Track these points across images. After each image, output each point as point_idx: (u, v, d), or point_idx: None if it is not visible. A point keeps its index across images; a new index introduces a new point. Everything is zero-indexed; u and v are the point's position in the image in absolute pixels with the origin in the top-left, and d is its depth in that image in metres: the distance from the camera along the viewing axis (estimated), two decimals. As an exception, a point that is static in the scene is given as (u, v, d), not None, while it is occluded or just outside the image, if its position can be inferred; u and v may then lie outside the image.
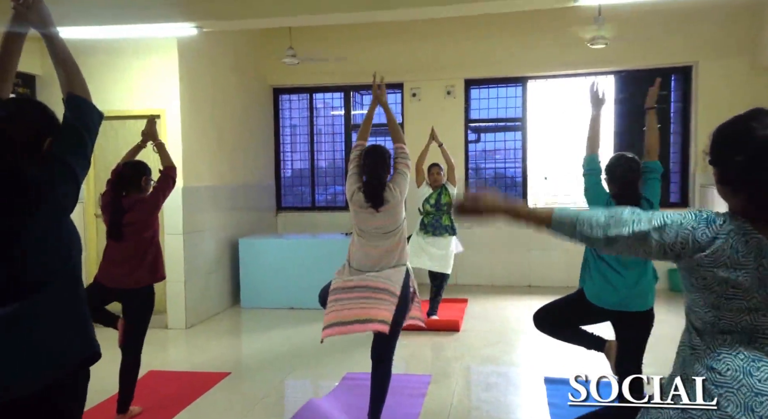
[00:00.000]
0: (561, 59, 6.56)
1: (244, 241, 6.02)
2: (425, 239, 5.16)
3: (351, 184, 3.01)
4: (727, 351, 1.21)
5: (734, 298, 1.20)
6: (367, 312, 2.82)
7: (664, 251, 1.26)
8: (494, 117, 7.13)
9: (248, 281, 5.97)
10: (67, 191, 1.47)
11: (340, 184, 7.56)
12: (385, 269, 2.94)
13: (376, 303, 2.83)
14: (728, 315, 1.22)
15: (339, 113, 7.57)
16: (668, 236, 1.24)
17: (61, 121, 1.56)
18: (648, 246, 1.26)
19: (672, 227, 1.25)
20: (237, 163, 6.37)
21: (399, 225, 3.00)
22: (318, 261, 5.68)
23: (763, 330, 1.21)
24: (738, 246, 1.19)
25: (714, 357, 1.22)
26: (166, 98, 5.17)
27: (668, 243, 1.24)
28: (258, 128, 7.01)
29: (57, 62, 1.59)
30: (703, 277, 1.23)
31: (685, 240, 1.23)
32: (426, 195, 5.21)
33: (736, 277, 1.19)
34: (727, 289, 1.21)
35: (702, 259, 1.22)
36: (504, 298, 6.22)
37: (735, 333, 1.22)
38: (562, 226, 1.34)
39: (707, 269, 1.22)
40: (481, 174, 7.29)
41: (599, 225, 1.29)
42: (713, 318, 1.24)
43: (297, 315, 5.65)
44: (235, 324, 5.57)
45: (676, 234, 1.24)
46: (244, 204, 6.53)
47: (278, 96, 7.49)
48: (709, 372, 1.21)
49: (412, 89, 6.97)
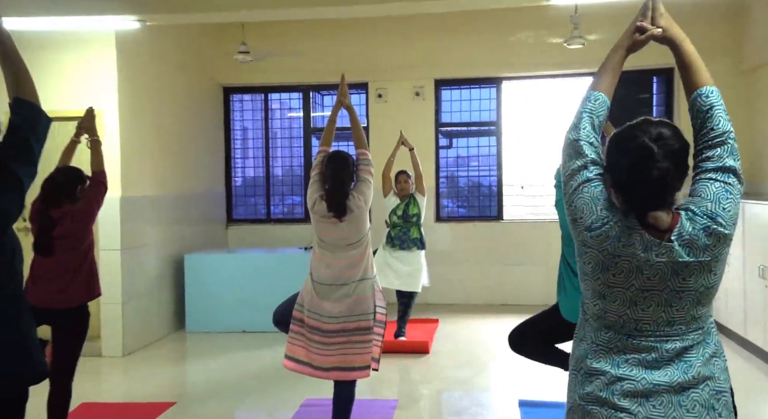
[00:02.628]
0: (537, 59, 6.79)
1: (191, 258, 6.01)
2: (392, 254, 5.23)
3: (312, 192, 3.11)
4: (605, 353, 1.43)
5: (615, 286, 1.41)
6: (348, 359, 3.00)
7: (568, 198, 1.50)
8: (467, 120, 7.29)
9: (195, 302, 5.95)
10: (9, 199, 1.53)
11: (298, 194, 7.58)
12: (349, 283, 3.05)
13: (355, 347, 3.01)
14: (612, 308, 1.43)
15: (297, 115, 7.61)
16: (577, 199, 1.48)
17: (6, 126, 1.62)
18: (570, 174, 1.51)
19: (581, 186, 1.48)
20: (182, 169, 6.36)
21: (363, 235, 3.11)
22: (274, 279, 5.68)
23: (642, 326, 1.41)
24: (621, 236, 1.40)
25: (596, 357, 1.45)
26: (102, 97, 5.15)
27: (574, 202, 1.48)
28: (206, 131, 7.01)
29: (4, 63, 1.64)
30: (588, 261, 1.44)
31: (584, 211, 1.46)
32: (393, 205, 5.27)
33: (616, 263, 1.40)
34: (608, 276, 1.41)
35: (588, 239, 1.43)
36: (477, 318, 6.34)
37: (616, 329, 1.43)
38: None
39: (592, 249, 1.43)
40: (454, 182, 7.44)
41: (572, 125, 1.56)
42: (600, 311, 1.45)
43: (250, 339, 5.65)
44: (180, 351, 5.56)
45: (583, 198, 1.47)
46: (191, 216, 6.52)
47: (229, 96, 7.50)
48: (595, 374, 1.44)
49: (378, 89, 7.08)
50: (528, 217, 7.14)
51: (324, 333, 3.03)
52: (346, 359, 3.01)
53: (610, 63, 1.58)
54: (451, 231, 7.09)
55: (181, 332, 6.02)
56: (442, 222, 7.16)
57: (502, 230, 7.02)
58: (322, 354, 3.03)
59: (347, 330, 3.02)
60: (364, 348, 3.03)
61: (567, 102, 6.98)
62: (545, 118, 7.18)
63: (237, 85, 7.39)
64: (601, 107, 1.55)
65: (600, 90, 1.56)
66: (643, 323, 1.41)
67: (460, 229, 7.08)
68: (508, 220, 7.10)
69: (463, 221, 7.17)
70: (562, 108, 7.03)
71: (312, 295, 3.09)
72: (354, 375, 3.03)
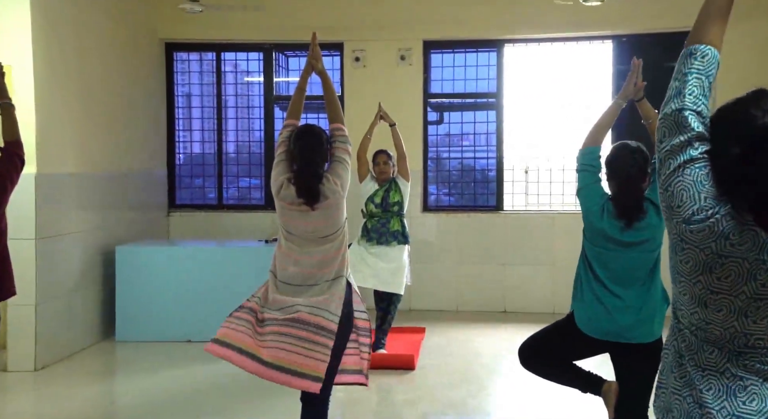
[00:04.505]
0: (546, 19, 6.76)
1: (123, 250, 5.94)
2: (369, 249, 5.20)
3: (278, 174, 3.09)
4: (716, 378, 1.39)
5: (720, 293, 1.37)
6: (294, 360, 2.91)
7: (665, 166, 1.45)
8: (461, 91, 7.27)
9: (128, 304, 5.88)
10: None
11: (257, 176, 7.57)
12: (320, 283, 3.01)
13: (313, 348, 2.92)
14: (716, 319, 1.38)
15: (256, 80, 7.60)
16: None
17: None
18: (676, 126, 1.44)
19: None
20: (114, 142, 6.27)
21: (339, 227, 3.08)
22: (226, 278, 5.67)
23: (755, 343, 1.37)
24: (731, 232, 1.34)
25: (700, 376, 1.41)
26: (13, 50, 4.97)
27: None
28: (145, 97, 6.93)
29: None
30: (686, 260, 1.40)
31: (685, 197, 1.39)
32: (370, 192, 5.25)
33: (721, 265, 1.36)
34: (711, 280, 1.37)
35: (686, 233, 1.38)
36: (472, 327, 6.34)
37: (721, 346, 1.40)
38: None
39: (692, 247, 1.38)
40: (444, 165, 7.38)
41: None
42: (699, 321, 1.41)
43: (197, 351, 5.45)
44: (108, 364, 5.47)
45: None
46: (124, 199, 6.45)
47: (173, 54, 7.42)
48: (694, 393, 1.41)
49: (355, 52, 7.01)
50: (532, 208, 7.15)
51: (281, 323, 2.96)
52: (292, 358, 2.90)
53: (716, 2, 1.47)
54: (440, 223, 7.08)
55: (110, 341, 5.93)
56: (430, 212, 7.16)
57: (501, 222, 7.01)
58: (278, 346, 2.94)
59: (305, 322, 2.94)
60: (317, 353, 2.91)
61: (581, 71, 6.95)
62: (555, 90, 7.18)
63: (183, 40, 7.31)
64: (710, 64, 1.45)
65: (706, 41, 1.46)
66: (756, 338, 1.38)
67: (450, 221, 7.06)
68: (509, 211, 7.11)
69: (455, 211, 7.16)
70: (575, 77, 7.00)
71: (274, 295, 3.06)
72: (297, 383, 2.90)
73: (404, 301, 5.65)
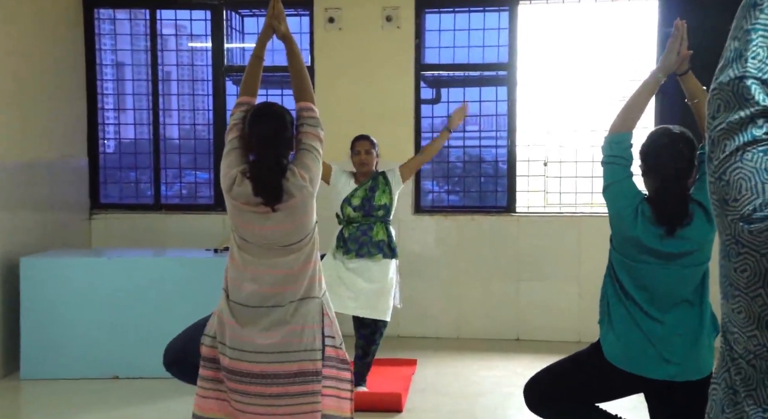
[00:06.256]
0: (572, -29, 6.82)
1: (29, 262, 5.91)
2: (347, 264, 5.21)
3: (230, 166, 3.11)
4: None
5: None
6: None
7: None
8: (464, 61, 7.28)
9: (36, 332, 5.84)
10: None
11: (205, 168, 7.61)
12: (285, 304, 3.05)
13: (296, 404, 3.03)
14: None
15: (203, 45, 7.56)
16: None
17: None
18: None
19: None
20: (20, 126, 6.25)
21: (307, 233, 3.11)
22: (165, 297, 5.70)
23: None
24: None
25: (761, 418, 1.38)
26: None
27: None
28: (59, 67, 6.90)
29: None
30: (742, 268, 1.37)
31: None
32: (347, 191, 5.25)
33: None
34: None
35: (744, 234, 1.36)
36: (475, 359, 6.35)
37: None
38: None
39: (751, 252, 1.36)
40: (442, 155, 7.40)
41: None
42: (759, 347, 1.38)
43: (126, 389, 5.58)
44: (10, 407, 5.46)
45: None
46: (33, 197, 6.44)
47: (93, 11, 7.40)
48: None
49: (329, 11, 7.03)
50: (553, 209, 7.20)
51: (252, 379, 3.02)
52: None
53: None
54: (437, 227, 7.11)
55: (13, 380, 5.90)
56: (424, 214, 7.19)
57: (514, 227, 7.04)
58: (250, 412, 3.03)
59: (284, 375, 3.02)
60: (309, 406, 3.02)
61: (617, 36, 6.95)
62: (582, 60, 7.19)
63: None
64: None
65: None
66: None
67: (450, 226, 7.09)
68: (523, 213, 7.15)
69: (456, 213, 7.19)
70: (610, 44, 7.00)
71: (229, 323, 3.07)
72: None
73: (391, 326, 5.64)
